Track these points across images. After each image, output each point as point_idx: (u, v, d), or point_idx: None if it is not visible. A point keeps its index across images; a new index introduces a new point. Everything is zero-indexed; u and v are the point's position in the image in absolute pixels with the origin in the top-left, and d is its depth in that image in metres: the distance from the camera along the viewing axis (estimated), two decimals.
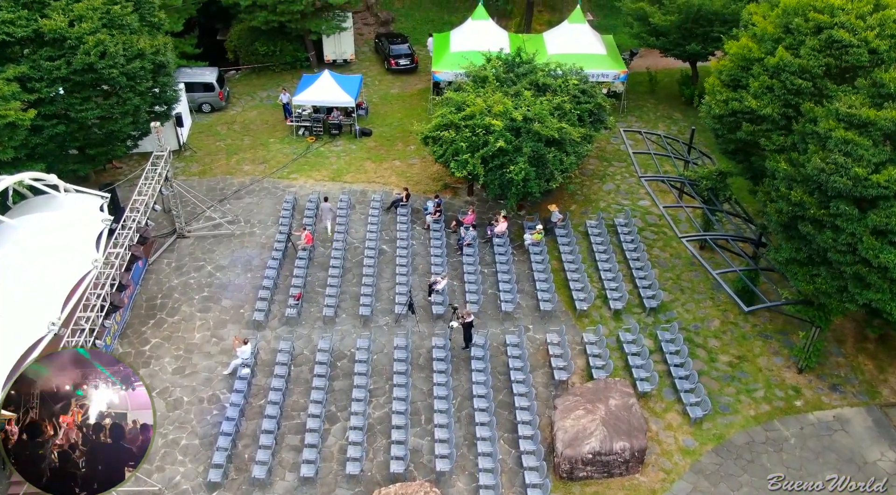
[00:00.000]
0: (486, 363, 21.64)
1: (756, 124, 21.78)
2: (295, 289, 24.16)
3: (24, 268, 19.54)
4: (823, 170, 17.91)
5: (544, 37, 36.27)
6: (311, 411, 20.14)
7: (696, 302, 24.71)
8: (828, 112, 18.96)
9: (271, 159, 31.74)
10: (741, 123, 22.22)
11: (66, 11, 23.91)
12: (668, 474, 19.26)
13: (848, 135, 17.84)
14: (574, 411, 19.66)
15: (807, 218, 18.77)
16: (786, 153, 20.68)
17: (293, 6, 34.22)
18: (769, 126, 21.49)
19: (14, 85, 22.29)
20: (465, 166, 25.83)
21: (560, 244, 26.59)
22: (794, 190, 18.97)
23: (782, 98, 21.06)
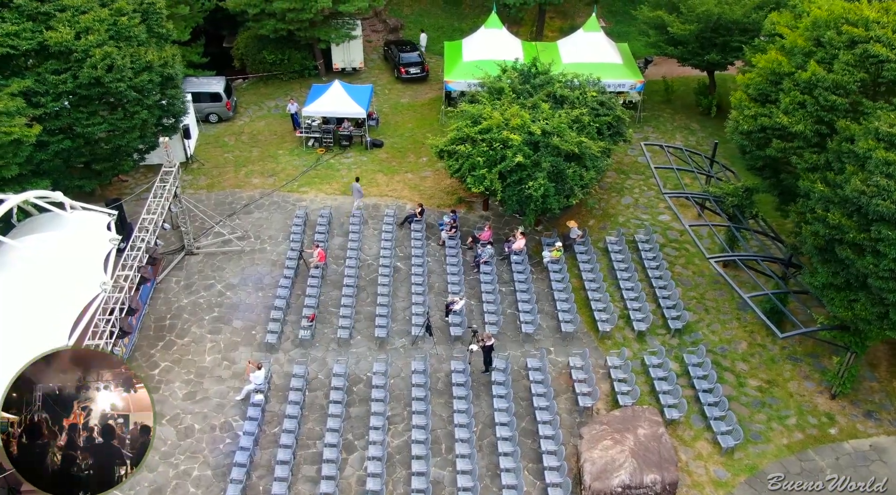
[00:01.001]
0: (507, 388, 20.89)
1: (787, 141, 21.05)
2: (308, 310, 23.40)
3: (28, 293, 18.78)
4: (864, 193, 17.17)
5: (558, 45, 35.53)
6: (327, 440, 19.38)
7: (721, 323, 23.95)
8: (866, 130, 18.23)
9: (281, 172, 31.00)
10: (771, 140, 21.49)
11: (73, 23, 23.17)
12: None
13: (889, 156, 17.09)
14: (601, 441, 18.91)
15: (845, 242, 18.02)
16: (819, 172, 19.95)
17: (302, 14, 33.46)
18: (801, 143, 20.78)
19: (19, 100, 21.56)
20: (483, 181, 25.10)
21: (580, 262, 25.84)
22: (832, 212, 18.21)
23: (815, 114, 20.34)
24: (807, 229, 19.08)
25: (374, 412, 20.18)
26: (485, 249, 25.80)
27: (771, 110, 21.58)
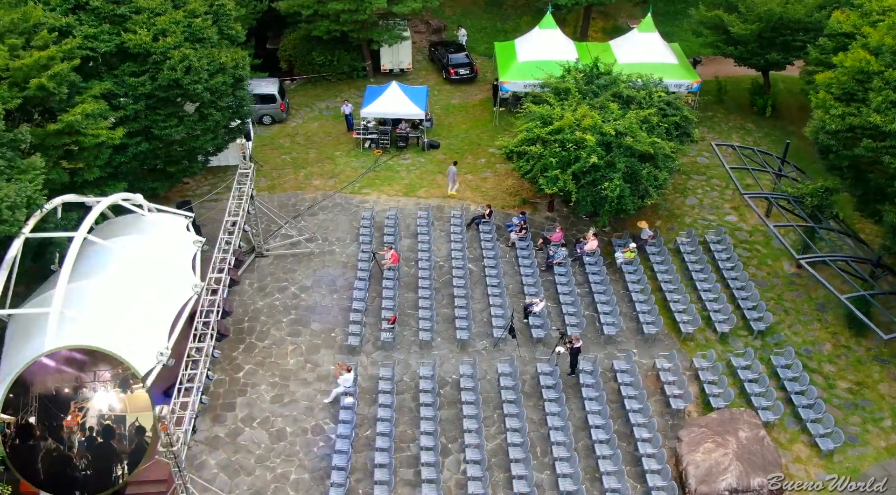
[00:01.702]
0: (599, 390, 20.69)
1: (878, 141, 20.83)
2: (388, 312, 23.23)
3: (125, 294, 18.64)
4: None
5: (611, 45, 35.32)
6: (423, 443, 19.20)
7: (802, 324, 23.73)
8: None
9: (340, 173, 30.84)
10: (860, 139, 21.28)
11: (149, 25, 23.04)
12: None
13: None
14: (702, 444, 18.69)
15: None
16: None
17: (357, 15, 33.33)
18: (894, 143, 20.55)
19: (102, 102, 21.41)
20: (556, 182, 24.90)
21: (653, 263, 25.65)
22: None
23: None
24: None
25: (467, 415, 20.00)
26: (558, 251, 25.61)
27: (860, 109, 21.38)
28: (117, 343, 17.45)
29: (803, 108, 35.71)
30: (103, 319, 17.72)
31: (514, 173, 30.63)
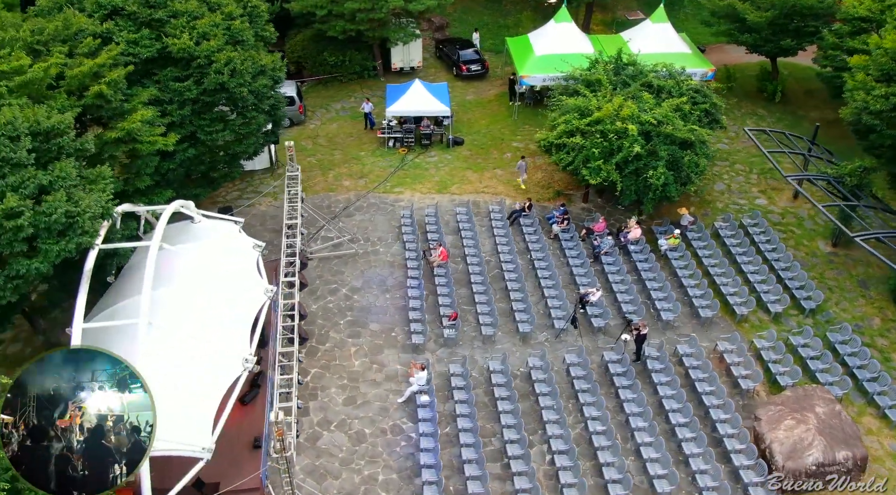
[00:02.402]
0: (670, 375, 20.94)
1: None
2: (447, 309, 23.18)
3: (201, 302, 18.29)
4: None
5: (624, 37, 35.72)
6: (508, 436, 19.21)
7: (848, 300, 24.33)
8: None
9: (369, 173, 30.66)
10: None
11: (188, 29, 22.62)
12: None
13: None
14: (782, 421, 19.06)
15: None
16: None
17: (373, 14, 33.16)
18: None
19: (153, 109, 20.94)
20: (599, 173, 25.12)
21: (696, 248, 26.03)
22: None
23: None
24: None
25: (545, 406, 20.08)
26: (604, 240, 25.84)
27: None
28: (204, 351, 17.22)
29: (809, 93, 36.75)
30: (185, 328, 17.38)
31: (543, 166, 30.86)
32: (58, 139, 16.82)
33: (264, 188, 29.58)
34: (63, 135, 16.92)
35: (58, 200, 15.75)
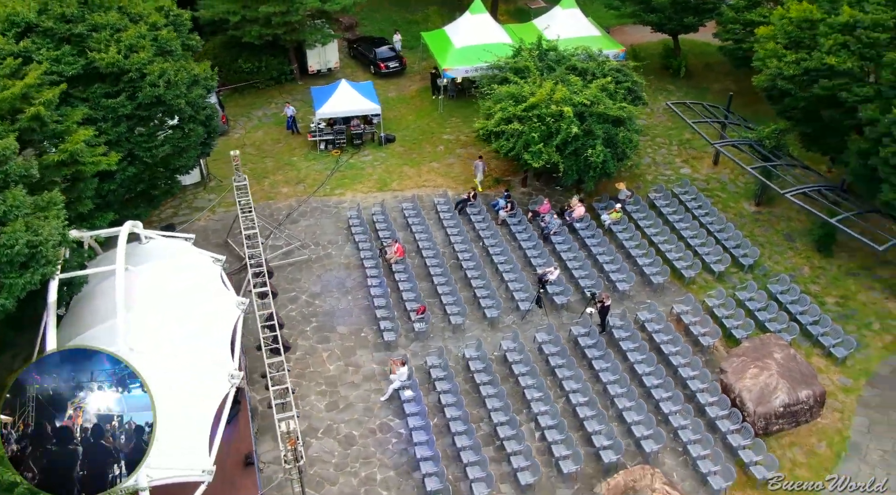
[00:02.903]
0: (637, 341, 21.91)
1: (833, 80, 23.36)
2: (412, 304, 23.28)
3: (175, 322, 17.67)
4: None
5: (536, 24, 36.71)
6: (497, 419, 19.58)
7: (779, 254, 26.16)
8: None
9: (305, 178, 30.25)
10: (815, 81, 23.74)
11: (113, 42, 21.61)
12: (842, 413, 20.43)
13: None
14: (746, 371, 20.37)
15: None
16: (873, 102, 22.41)
17: (289, 17, 32.62)
18: (848, 80, 23.13)
19: (91, 129, 19.89)
20: (541, 156, 25.87)
21: (637, 219, 27.24)
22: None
23: (858, 52, 22.75)
24: (887, 150, 21.35)
25: (526, 385, 20.58)
26: (551, 221, 26.62)
27: (811, 54, 23.86)
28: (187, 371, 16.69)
29: (709, 66, 39.05)
30: (164, 350, 16.77)
31: (477, 155, 31.38)
32: (3, 166, 15.76)
33: (200, 202, 28.65)
34: (7, 162, 15.87)
35: (17, 231, 14.81)
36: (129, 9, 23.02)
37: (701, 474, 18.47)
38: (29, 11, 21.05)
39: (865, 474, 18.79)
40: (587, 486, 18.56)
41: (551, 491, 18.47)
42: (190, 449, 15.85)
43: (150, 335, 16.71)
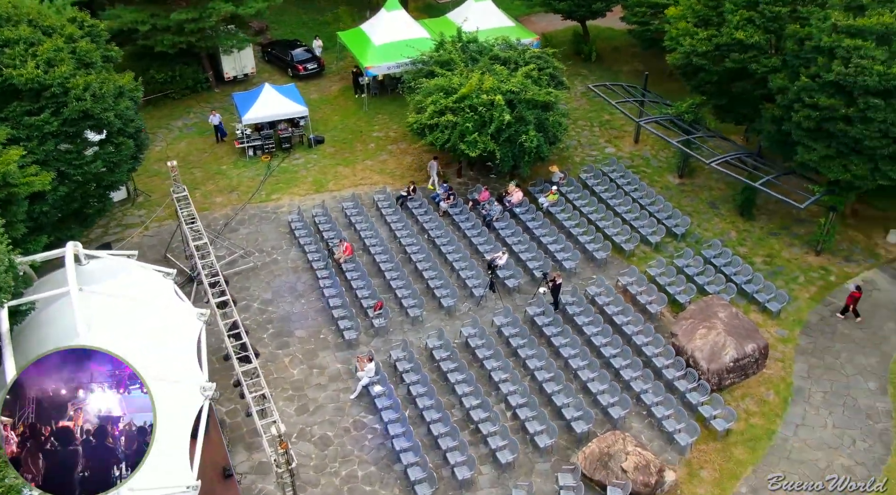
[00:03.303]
0: (591, 315, 22.75)
1: (743, 53, 24.93)
2: (368, 301, 23.32)
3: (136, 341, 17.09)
4: (848, 74, 21.29)
5: (450, 18, 37.27)
6: (468, 403, 19.94)
7: (706, 221, 27.68)
8: (820, 29, 22.40)
9: (238, 186, 29.65)
10: (726, 56, 25.27)
11: (28, 57, 20.62)
12: (783, 362, 21.92)
13: (857, 42, 21.35)
14: (695, 332, 21.55)
15: (837, 117, 22.14)
16: (782, 71, 24.10)
17: (202, 23, 31.80)
18: (755, 53, 24.76)
19: (19, 148, 18.88)
20: (476, 146, 26.39)
21: (573, 199, 28.19)
22: (818, 97, 22.20)
23: (763, 26, 24.40)
24: (799, 115, 22.97)
25: (492, 368, 21.03)
26: (493, 207, 27.19)
27: (720, 30, 25.38)
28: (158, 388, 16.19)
29: (616, 49, 40.72)
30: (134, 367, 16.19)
31: (410, 150, 31.66)
32: None
33: (130, 219, 27.63)
34: None
35: None
36: (40, 21, 21.99)
37: (667, 433, 19.45)
38: None
39: (812, 417, 20.26)
40: (563, 457, 19.20)
41: (530, 467, 19.00)
42: (171, 465, 15.43)
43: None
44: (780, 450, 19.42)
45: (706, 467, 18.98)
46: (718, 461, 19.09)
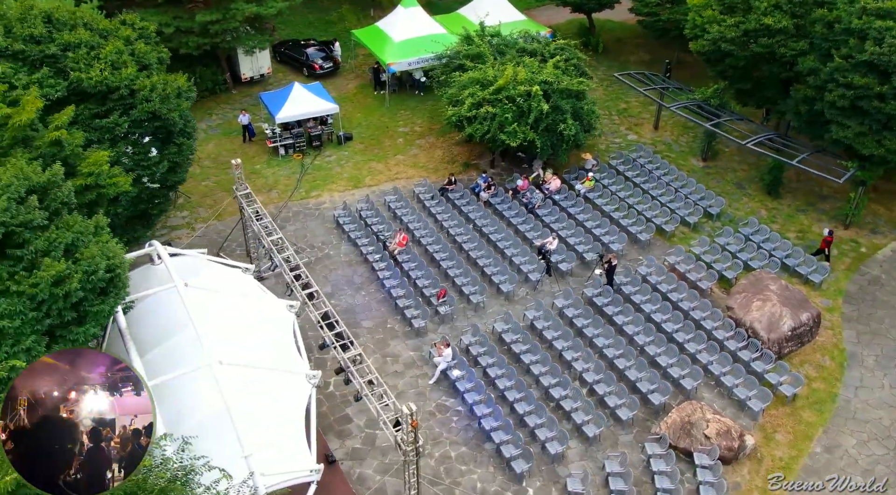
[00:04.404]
0: (647, 293, 23.61)
1: (770, 38, 26.07)
2: (429, 290, 23.85)
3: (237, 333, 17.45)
4: (883, 54, 22.50)
5: (463, 14, 37.88)
6: (548, 382, 20.64)
7: (735, 201, 28.78)
8: (853, 11, 23.61)
9: (275, 185, 29.88)
10: (753, 41, 26.39)
11: (91, 59, 20.69)
12: (832, 330, 23.07)
13: (887, 24, 22.59)
14: (751, 304, 22.56)
15: (871, 96, 23.35)
16: (808, 55, 25.28)
17: (226, 24, 31.90)
18: (782, 37, 25.92)
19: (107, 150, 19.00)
20: (517, 136, 27.08)
21: (608, 184, 29.06)
22: (851, 76, 23.40)
23: (790, 12, 25.56)
24: (832, 95, 24.15)
25: (563, 347, 21.75)
26: (534, 195, 27.91)
27: (747, 17, 26.49)
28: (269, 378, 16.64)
29: (620, 41, 41.80)
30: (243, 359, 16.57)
31: (438, 144, 32.23)
32: (56, 193, 15.00)
33: (174, 220, 27.69)
34: (58, 189, 15.11)
35: (96, 256, 14.20)
36: (94, 25, 22.02)
37: (738, 401, 20.39)
38: None
39: (869, 379, 21.42)
40: (644, 429, 20.02)
41: (614, 439, 19.79)
42: (293, 451, 15.86)
43: (225, 347, 16.43)
44: (845, 411, 20.53)
45: (779, 430, 19.98)
46: (790, 424, 20.11)
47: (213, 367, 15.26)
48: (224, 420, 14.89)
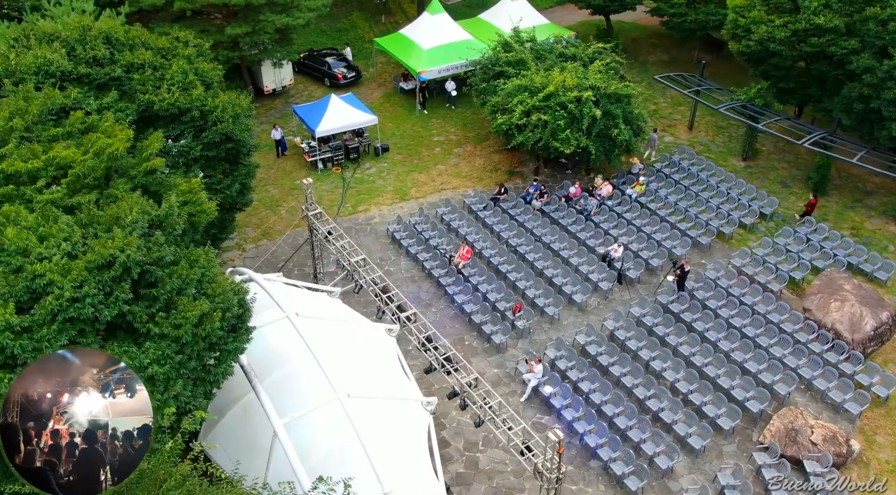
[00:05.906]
0: (722, 298, 23.47)
1: (820, 37, 26.19)
2: (502, 304, 23.42)
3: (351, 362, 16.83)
4: None
5: (484, 19, 37.55)
6: (643, 394, 20.36)
7: (783, 199, 28.84)
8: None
9: (320, 200, 29.03)
10: (802, 41, 26.48)
11: (156, 80, 19.84)
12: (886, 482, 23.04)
13: None
14: (829, 305, 22.57)
15: None
16: (861, 53, 25.44)
17: (258, 36, 31.07)
18: (832, 36, 26.05)
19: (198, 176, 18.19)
20: (570, 142, 26.79)
21: (656, 189, 28.91)
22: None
23: (840, 11, 25.70)
24: (892, 92, 24.31)
25: (650, 358, 21.50)
26: (588, 202, 27.65)
27: (796, 17, 26.58)
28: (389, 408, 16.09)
29: (636, 41, 41.81)
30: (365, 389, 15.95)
31: (477, 152, 31.82)
32: (175, 226, 14.24)
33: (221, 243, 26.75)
34: (176, 222, 14.35)
35: (227, 291, 13.49)
36: (152, 43, 21.14)
37: (835, 404, 20.33)
38: (61, 58, 18.79)
39: None
40: (745, 438, 19.84)
41: (718, 450, 19.58)
42: (424, 482, 15.32)
43: (347, 378, 15.80)
44: None
45: (879, 432, 19.99)
46: (889, 426, 20.13)
47: (343, 401, 14.62)
48: (359, 455, 14.29)
